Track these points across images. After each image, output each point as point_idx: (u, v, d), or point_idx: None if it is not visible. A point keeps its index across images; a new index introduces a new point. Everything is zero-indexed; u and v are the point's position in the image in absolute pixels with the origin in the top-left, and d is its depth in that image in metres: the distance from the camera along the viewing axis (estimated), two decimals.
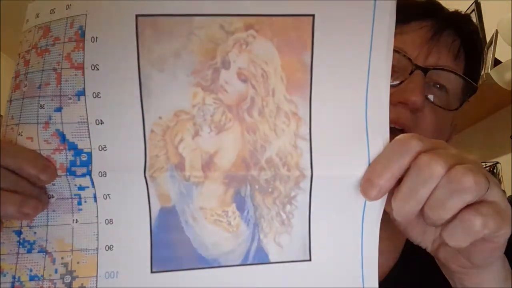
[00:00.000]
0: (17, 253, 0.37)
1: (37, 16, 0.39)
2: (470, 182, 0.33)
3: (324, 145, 0.38)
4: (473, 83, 0.64)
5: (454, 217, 0.35)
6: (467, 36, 0.64)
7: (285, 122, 0.38)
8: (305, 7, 0.37)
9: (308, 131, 0.38)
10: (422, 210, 0.36)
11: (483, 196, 0.35)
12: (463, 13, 0.68)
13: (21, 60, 0.39)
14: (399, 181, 0.37)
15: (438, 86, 0.61)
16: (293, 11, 0.37)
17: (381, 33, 0.37)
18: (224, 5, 0.36)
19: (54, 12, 0.38)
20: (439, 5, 0.66)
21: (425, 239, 0.43)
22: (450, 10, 0.67)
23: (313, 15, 0.37)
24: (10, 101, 0.39)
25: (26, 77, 0.38)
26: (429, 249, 0.43)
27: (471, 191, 0.34)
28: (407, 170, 0.36)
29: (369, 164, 0.38)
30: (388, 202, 0.38)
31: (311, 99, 0.38)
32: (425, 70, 0.58)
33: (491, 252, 0.38)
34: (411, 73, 0.58)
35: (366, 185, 0.37)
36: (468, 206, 0.34)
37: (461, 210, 0.34)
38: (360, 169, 0.38)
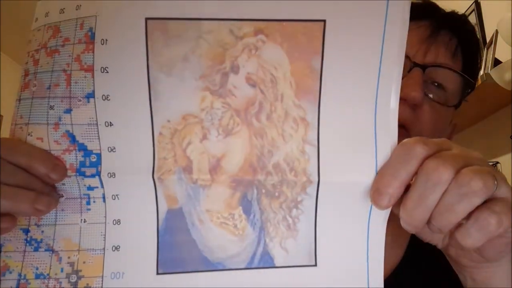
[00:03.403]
0: (24, 251, 0.38)
1: (47, 15, 0.39)
2: (479, 185, 0.33)
3: (332, 151, 0.38)
4: (471, 80, 0.64)
5: (465, 219, 0.35)
6: (464, 35, 0.65)
7: (293, 127, 0.38)
8: (316, 12, 0.37)
9: (316, 136, 0.38)
10: (429, 217, 0.36)
11: (493, 194, 0.35)
12: (459, 13, 0.69)
13: (30, 59, 0.39)
14: (407, 187, 0.37)
15: (436, 84, 0.61)
16: (304, 17, 0.37)
17: (393, 39, 0.37)
18: (234, 9, 0.36)
19: (63, 12, 0.38)
20: (436, 6, 0.67)
21: (435, 237, 0.43)
22: (447, 11, 0.67)
23: (324, 21, 0.37)
24: (19, 100, 0.39)
25: (36, 77, 0.38)
26: (439, 246, 0.43)
27: (481, 194, 0.34)
28: (414, 175, 0.36)
29: (377, 173, 0.38)
30: (396, 205, 0.37)
31: (320, 105, 0.38)
32: (423, 67, 0.58)
33: (504, 247, 0.38)
34: (409, 70, 0.58)
35: (376, 196, 0.37)
36: (481, 206, 0.34)
37: (473, 211, 0.34)
38: (367, 175, 0.38)
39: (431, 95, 0.60)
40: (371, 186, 0.38)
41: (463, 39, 0.65)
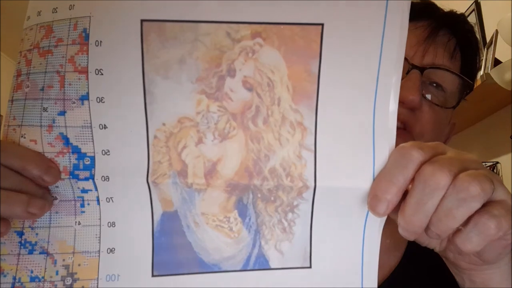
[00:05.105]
0: (18, 254, 0.37)
1: (39, 14, 0.38)
2: (477, 190, 0.33)
3: (329, 156, 0.38)
4: (469, 81, 0.64)
5: (463, 224, 0.35)
6: (463, 35, 0.65)
7: (290, 132, 0.37)
8: (314, 16, 0.36)
9: (313, 141, 0.38)
10: (428, 223, 0.36)
11: (490, 197, 0.35)
12: (458, 13, 0.69)
13: (23, 59, 0.38)
14: (405, 193, 0.36)
15: (435, 85, 0.61)
16: (301, 20, 0.36)
17: (392, 43, 0.37)
18: (231, 12, 0.36)
19: (56, 12, 0.37)
20: (434, 5, 0.67)
21: (433, 241, 0.43)
22: (446, 10, 0.67)
23: (322, 24, 0.36)
24: (12, 100, 0.38)
25: (28, 77, 0.38)
26: (437, 250, 0.43)
27: (479, 198, 0.34)
28: (412, 181, 0.36)
29: (374, 179, 0.38)
30: (394, 211, 0.37)
31: (317, 109, 0.37)
32: (421, 69, 0.58)
33: (503, 249, 0.38)
34: (408, 72, 0.58)
35: (373, 202, 0.37)
36: (479, 209, 0.34)
37: (472, 215, 0.34)
38: (364, 180, 0.38)
39: (429, 96, 0.60)
40: (368, 193, 0.38)
41: (462, 39, 0.64)
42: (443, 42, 0.62)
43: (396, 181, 0.36)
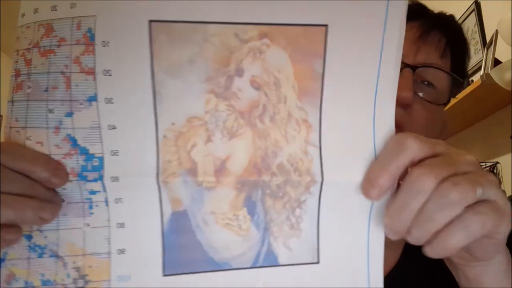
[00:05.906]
0: (28, 258, 0.37)
1: (36, 11, 0.37)
2: (457, 196, 0.34)
3: (333, 152, 0.39)
4: (459, 78, 0.67)
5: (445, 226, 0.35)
6: (453, 35, 0.67)
7: (296, 129, 0.38)
8: (318, 17, 0.37)
9: (318, 138, 0.38)
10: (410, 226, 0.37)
11: (482, 196, 0.35)
12: (447, 14, 0.71)
13: (21, 58, 0.37)
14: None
15: (426, 83, 0.63)
16: (306, 21, 0.37)
17: (391, 41, 0.38)
18: (239, 13, 0.36)
19: (56, 10, 0.36)
20: (425, 7, 0.70)
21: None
22: (436, 12, 0.70)
23: (326, 25, 0.37)
24: (12, 101, 0.37)
25: (29, 78, 0.37)
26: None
27: (459, 205, 0.35)
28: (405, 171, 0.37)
29: (369, 165, 0.39)
30: None
31: (322, 107, 0.38)
32: (413, 68, 0.60)
33: (492, 247, 0.39)
34: (400, 71, 0.59)
35: (366, 186, 0.38)
36: (467, 207, 0.35)
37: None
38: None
39: (421, 94, 0.62)
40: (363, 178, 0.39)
41: (452, 38, 0.67)
42: (434, 42, 0.64)
43: (388, 167, 0.37)
